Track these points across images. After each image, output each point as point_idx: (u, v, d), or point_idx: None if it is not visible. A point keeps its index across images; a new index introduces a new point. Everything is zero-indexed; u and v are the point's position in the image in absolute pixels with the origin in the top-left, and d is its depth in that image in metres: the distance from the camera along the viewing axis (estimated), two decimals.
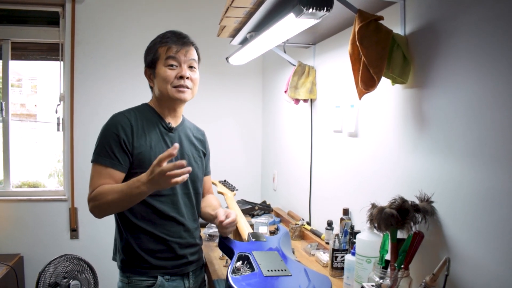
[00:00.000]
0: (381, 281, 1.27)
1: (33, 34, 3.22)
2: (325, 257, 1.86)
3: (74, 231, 3.20)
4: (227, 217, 1.62)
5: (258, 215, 2.62)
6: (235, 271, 1.41)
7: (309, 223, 2.37)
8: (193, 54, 1.64)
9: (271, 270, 1.39)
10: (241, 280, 1.32)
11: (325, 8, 1.30)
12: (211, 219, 1.73)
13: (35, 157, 3.89)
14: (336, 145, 2.07)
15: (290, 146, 2.77)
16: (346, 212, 1.87)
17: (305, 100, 2.31)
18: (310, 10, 1.29)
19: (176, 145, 1.32)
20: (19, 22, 3.22)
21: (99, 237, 3.17)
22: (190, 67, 1.63)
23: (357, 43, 1.36)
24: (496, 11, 1.09)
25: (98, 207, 1.48)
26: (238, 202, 2.79)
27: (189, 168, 1.35)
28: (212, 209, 1.72)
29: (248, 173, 3.56)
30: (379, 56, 1.36)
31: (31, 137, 4.03)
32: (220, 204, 1.84)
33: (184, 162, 1.33)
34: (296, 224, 2.31)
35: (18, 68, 3.80)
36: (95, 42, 3.18)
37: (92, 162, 1.53)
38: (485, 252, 1.12)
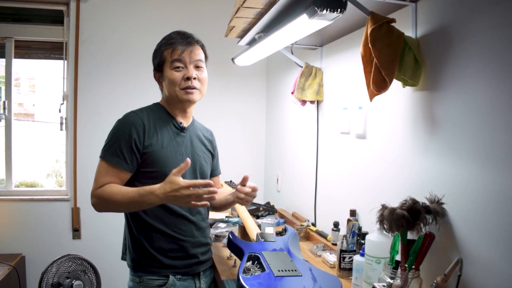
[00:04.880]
0: (391, 281, 1.28)
1: (37, 33, 3.19)
2: (332, 258, 1.86)
3: (76, 231, 3.19)
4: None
5: (262, 216, 2.62)
6: (246, 271, 1.41)
7: (314, 224, 2.38)
8: (199, 53, 1.63)
9: (282, 270, 1.39)
10: (252, 280, 1.33)
11: (339, 10, 1.31)
12: (231, 200, 1.75)
13: (33, 157, 3.87)
14: (343, 147, 2.07)
15: (295, 148, 2.77)
16: (353, 213, 1.88)
17: (311, 102, 2.32)
18: (324, 11, 1.30)
19: (188, 160, 1.38)
20: (23, 20, 3.18)
21: (101, 237, 3.16)
22: (197, 67, 1.62)
23: (369, 45, 1.36)
24: (510, 14, 1.10)
25: (103, 205, 1.50)
26: None
27: (214, 195, 1.37)
28: (228, 192, 1.76)
29: (251, 174, 3.50)
30: (391, 59, 1.36)
31: (29, 136, 4.01)
32: None
33: (211, 182, 1.37)
34: (301, 225, 2.31)
35: (17, 68, 3.76)
36: (99, 41, 3.16)
37: (100, 157, 1.54)
38: (496, 253, 1.12)
